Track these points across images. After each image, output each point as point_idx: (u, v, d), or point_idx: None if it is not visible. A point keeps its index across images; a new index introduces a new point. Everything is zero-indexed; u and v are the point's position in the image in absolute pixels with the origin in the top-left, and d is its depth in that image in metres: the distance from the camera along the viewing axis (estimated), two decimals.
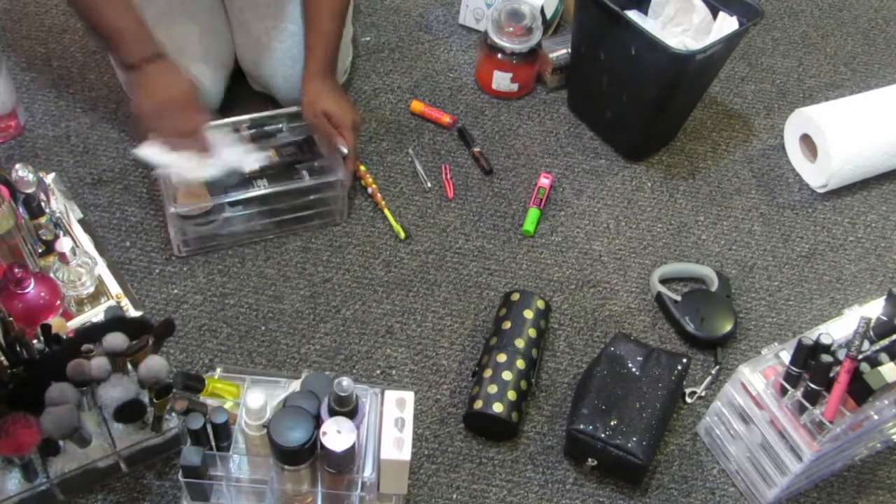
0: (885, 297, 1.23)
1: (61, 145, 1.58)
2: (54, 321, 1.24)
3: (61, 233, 1.36)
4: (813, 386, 1.15)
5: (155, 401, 1.14)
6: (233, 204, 1.44)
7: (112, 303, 1.35)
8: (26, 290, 1.23)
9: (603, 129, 1.70)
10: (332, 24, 1.47)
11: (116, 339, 1.12)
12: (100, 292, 1.35)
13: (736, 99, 1.81)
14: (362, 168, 1.58)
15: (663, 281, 1.51)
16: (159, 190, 1.47)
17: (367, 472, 1.10)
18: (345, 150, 1.44)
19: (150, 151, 1.36)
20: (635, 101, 1.59)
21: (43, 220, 1.32)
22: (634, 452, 1.24)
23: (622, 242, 1.57)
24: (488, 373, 1.32)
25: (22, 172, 1.31)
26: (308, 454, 1.03)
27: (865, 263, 1.59)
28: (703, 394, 1.40)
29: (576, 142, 1.70)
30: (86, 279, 1.32)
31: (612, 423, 1.26)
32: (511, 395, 1.29)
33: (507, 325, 1.36)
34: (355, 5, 1.80)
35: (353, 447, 1.02)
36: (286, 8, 1.54)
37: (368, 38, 1.82)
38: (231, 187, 1.43)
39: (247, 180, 1.45)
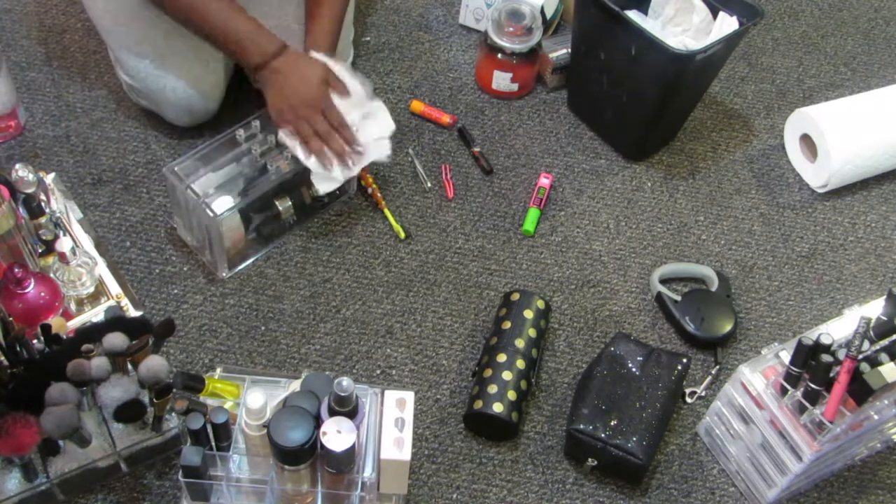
0: (885, 297, 1.23)
1: (61, 145, 1.58)
2: (54, 321, 1.24)
3: (61, 233, 1.36)
4: (813, 386, 1.15)
5: (155, 401, 1.14)
6: (259, 209, 1.45)
7: (112, 303, 1.35)
8: (26, 290, 1.23)
9: (603, 129, 1.71)
10: (336, 3, 1.48)
11: (116, 339, 1.12)
12: (100, 292, 1.35)
13: (736, 99, 1.81)
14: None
15: (663, 281, 1.51)
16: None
17: (367, 472, 1.10)
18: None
19: (293, 142, 1.39)
20: (635, 101, 1.59)
21: (43, 220, 1.32)
22: (634, 452, 1.24)
23: (622, 242, 1.57)
24: (488, 373, 1.32)
25: (22, 172, 1.31)
26: (308, 454, 1.03)
27: (865, 263, 1.59)
28: (703, 394, 1.40)
29: (576, 142, 1.70)
30: (86, 279, 1.32)
31: (612, 423, 1.26)
32: (511, 395, 1.29)
33: (507, 325, 1.36)
34: (355, 5, 1.80)
35: (353, 447, 1.02)
36: (288, 7, 1.54)
37: (368, 38, 1.82)
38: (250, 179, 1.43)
39: (263, 168, 1.43)
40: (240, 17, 1.38)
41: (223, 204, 1.36)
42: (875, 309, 1.24)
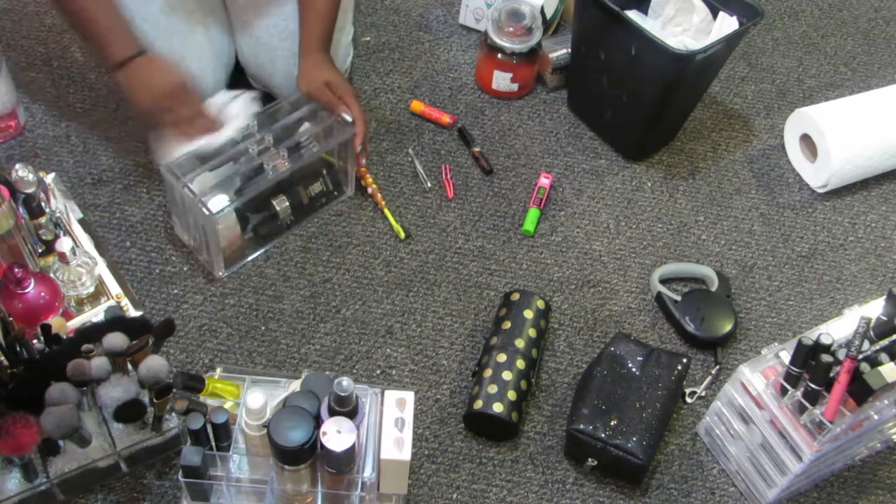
0: (885, 297, 1.23)
1: (61, 145, 1.58)
2: (54, 321, 1.24)
3: (61, 233, 1.36)
4: (813, 386, 1.15)
5: (155, 401, 1.14)
6: (256, 209, 1.45)
7: (112, 303, 1.35)
8: (26, 290, 1.23)
9: (603, 129, 1.71)
10: (327, 1, 1.48)
11: (116, 339, 1.12)
12: (100, 292, 1.35)
13: (736, 99, 1.81)
14: (362, 168, 1.58)
15: (663, 281, 1.51)
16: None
17: (367, 472, 1.10)
18: (349, 118, 1.45)
19: (168, 152, 1.41)
20: (635, 101, 1.59)
21: (43, 220, 1.32)
22: (634, 452, 1.24)
23: (622, 242, 1.57)
24: (488, 373, 1.32)
25: (22, 172, 1.31)
26: (308, 454, 1.03)
27: (865, 263, 1.59)
28: (703, 394, 1.40)
29: (576, 142, 1.70)
30: (86, 279, 1.32)
31: (612, 423, 1.26)
32: (511, 395, 1.29)
33: (507, 325, 1.36)
34: (355, 5, 1.80)
35: (353, 447, 1.02)
36: (287, 7, 1.54)
37: (368, 38, 1.82)
38: (247, 178, 1.43)
39: (260, 167, 1.44)
40: (109, 12, 1.37)
41: (219, 202, 1.36)
42: (875, 309, 1.24)
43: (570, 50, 1.72)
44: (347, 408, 1.03)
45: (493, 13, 1.69)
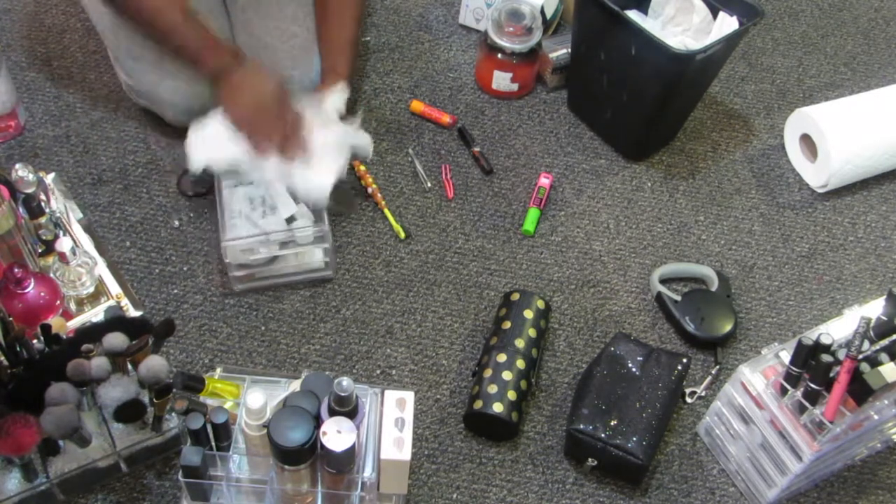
0: (885, 297, 1.23)
1: (61, 145, 1.58)
2: (54, 321, 1.24)
3: (61, 233, 1.36)
4: (813, 386, 1.15)
5: (155, 401, 1.14)
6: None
7: (112, 303, 1.35)
8: (26, 290, 1.23)
9: (603, 129, 1.71)
10: (351, 27, 1.47)
11: (116, 339, 1.12)
12: (100, 292, 1.35)
13: (736, 99, 1.81)
14: (362, 168, 1.59)
15: (663, 281, 1.51)
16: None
17: (367, 472, 1.10)
18: None
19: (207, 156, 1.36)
20: (635, 101, 1.59)
21: (43, 220, 1.32)
22: (634, 452, 1.24)
23: (622, 242, 1.57)
24: (488, 373, 1.32)
25: (22, 172, 1.31)
26: (308, 454, 1.03)
27: (865, 263, 1.59)
28: (703, 394, 1.40)
29: (576, 142, 1.70)
30: (86, 279, 1.32)
31: (612, 423, 1.26)
32: (511, 395, 1.29)
33: (507, 325, 1.36)
34: None
35: (353, 447, 1.02)
36: (288, 8, 1.54)
37: (368, 38, 1.82)
38: None
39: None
40: (195, 28, 1.38)
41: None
42: (875, 309, 1.23)
43: (570, 50, 1.72)
44: (347, 408, 1.03)
45: (493, 13, 1.69)
